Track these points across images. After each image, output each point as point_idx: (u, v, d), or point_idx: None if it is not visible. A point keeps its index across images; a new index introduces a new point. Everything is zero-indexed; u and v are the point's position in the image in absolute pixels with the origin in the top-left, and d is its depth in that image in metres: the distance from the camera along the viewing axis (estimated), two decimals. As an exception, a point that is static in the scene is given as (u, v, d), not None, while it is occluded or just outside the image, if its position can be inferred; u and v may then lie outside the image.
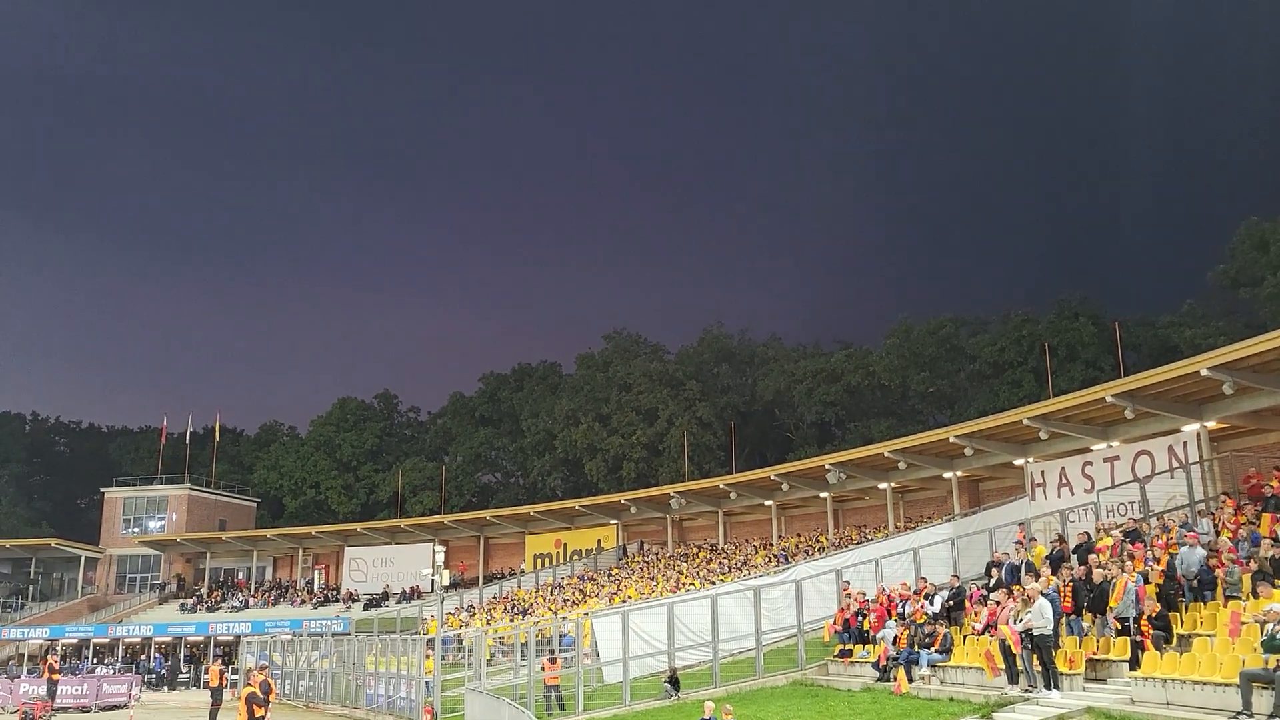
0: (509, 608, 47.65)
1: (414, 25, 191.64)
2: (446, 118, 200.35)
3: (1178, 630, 16.56)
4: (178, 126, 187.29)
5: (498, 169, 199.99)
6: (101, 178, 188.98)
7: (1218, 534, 19.40)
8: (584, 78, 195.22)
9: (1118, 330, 47.78)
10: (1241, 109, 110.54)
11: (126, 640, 53.34)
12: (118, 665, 50.03)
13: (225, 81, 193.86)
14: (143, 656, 51.94)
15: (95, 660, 51.69)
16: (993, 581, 22.65)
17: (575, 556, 55.47)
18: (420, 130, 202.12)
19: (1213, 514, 21.12)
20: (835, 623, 26.24)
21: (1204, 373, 24.70)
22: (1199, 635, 15.95)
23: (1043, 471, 32.41)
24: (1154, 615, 16.50)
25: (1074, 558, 20.45)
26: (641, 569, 48.38)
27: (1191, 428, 27.19)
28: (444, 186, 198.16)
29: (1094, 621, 18.10)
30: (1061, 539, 23.43)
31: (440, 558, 42.97)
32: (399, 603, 54.93)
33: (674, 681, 24.24)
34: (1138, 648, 16.10)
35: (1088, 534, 21.98)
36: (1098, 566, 18.39)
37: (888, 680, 21.33)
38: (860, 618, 25.12)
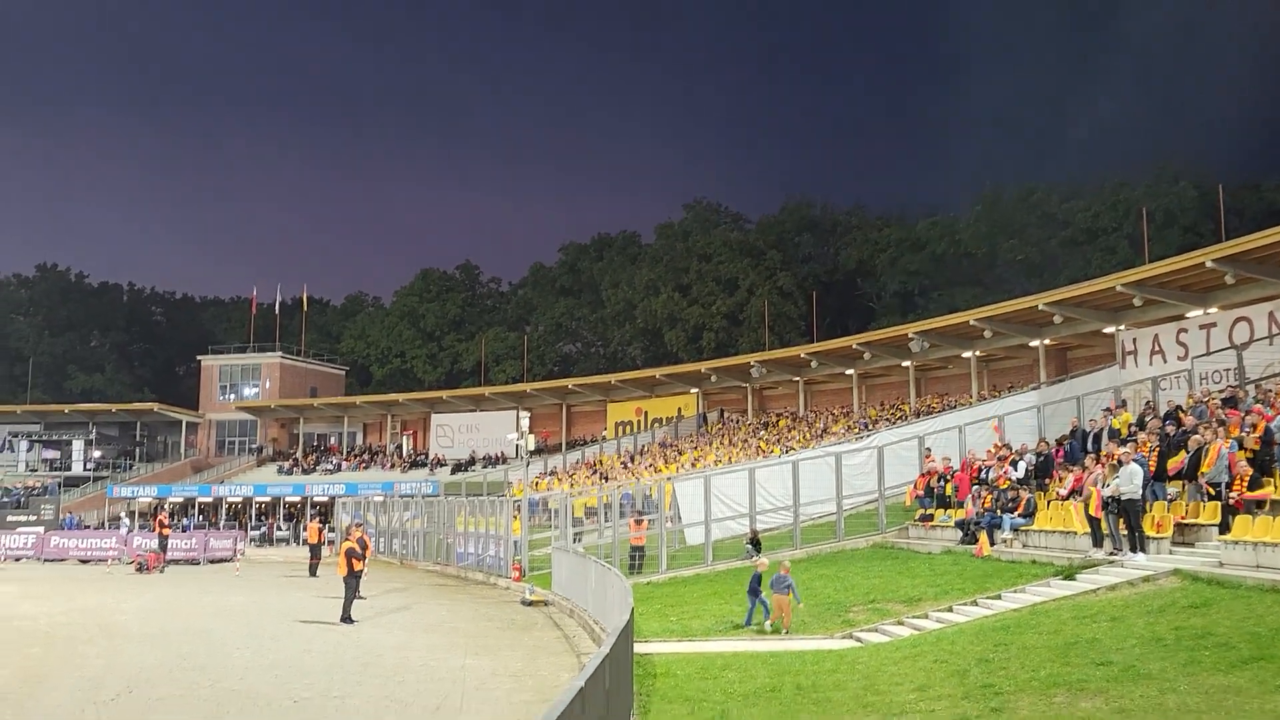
0: (592, 472, 48.71)
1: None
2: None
3: (1272, 496, 16.25)
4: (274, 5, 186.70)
5: (577, 39, 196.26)
6: (197, 57, 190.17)
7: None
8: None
9: (1221, 193, 45.71)
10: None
11: (229, 500, 55.95)
12: (222, 522, 52.67)
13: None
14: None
15: (202, 518, 54.44)
16: (1065, 449, 22.49)
17: (656, 424, 56.23)
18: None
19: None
20: (917, 488, 26.38)
21: (1313, 235, 23.72)
22: (1294, 501, 15.65)
23: (1135, 339, 31.70)
24: (1247, 480, 16.20)
25: (1163, 423, 20.06)
26: (722, 436, 48.90)
27: (1296, 293, 26.25)
28: (527, 56, 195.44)
29: (1183, 488, 17.87)
30: (1150, 406, 23.00)
31: (525, 424, 43.83)
32: (484, 467, 56.53)
33: (755, 543, 24.73)
34: (1229, 512, 15.87)
35: (1178, 405, 21.53)
36: (1191, 432, 18.05)
37: (970, 543, 21.44)
38: (942, 482, 25.16)
